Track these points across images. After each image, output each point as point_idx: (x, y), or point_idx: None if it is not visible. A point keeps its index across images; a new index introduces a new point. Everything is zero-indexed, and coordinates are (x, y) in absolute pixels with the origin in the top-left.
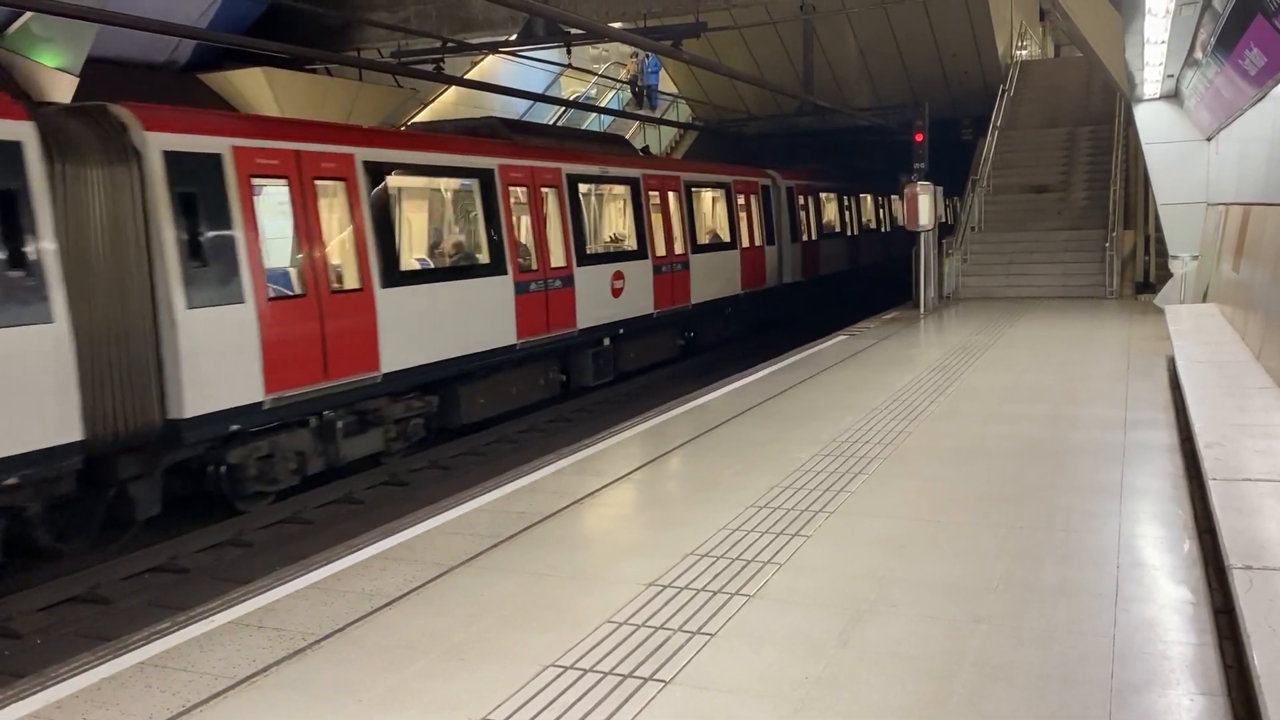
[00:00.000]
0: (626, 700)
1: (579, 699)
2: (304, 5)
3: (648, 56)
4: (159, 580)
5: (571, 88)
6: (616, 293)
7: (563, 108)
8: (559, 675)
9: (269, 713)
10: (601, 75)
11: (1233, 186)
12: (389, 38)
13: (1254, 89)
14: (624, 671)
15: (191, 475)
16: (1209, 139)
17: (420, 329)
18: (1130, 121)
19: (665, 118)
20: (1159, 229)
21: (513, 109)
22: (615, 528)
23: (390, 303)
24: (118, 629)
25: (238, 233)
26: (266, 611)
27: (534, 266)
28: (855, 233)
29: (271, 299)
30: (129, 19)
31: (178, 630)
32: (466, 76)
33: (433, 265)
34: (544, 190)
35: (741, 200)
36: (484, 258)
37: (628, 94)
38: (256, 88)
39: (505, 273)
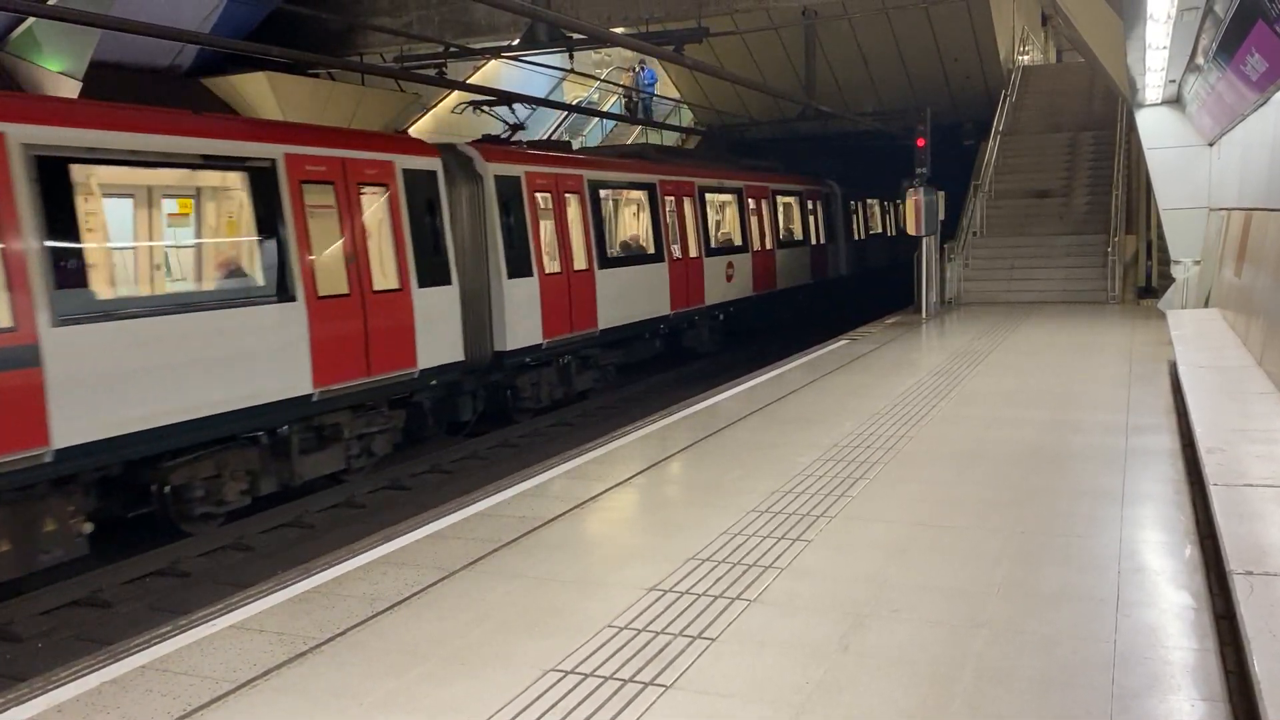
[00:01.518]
0: (627, 705)
1: (580, 703)
2: (307, 10)
3: (643, 68)
4: (160, 584)
5: (574, 92)
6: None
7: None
8: (560, 680)
9: (269, 717)
10: (604, 80)
11: (1234, 191)
12: (392, 42)
13: (1255, 94)
14: (625, 676)
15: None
16: (1211, 144)
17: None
18: (1132, 126)
19: (667, 122)
20: (1161, 234)
21: (516, 113)
22: (617, 532)
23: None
24: (119, 633)
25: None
26: (267, 615)
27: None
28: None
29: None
30: (132, 24)
31: (179, 634)
32: (469, 81)
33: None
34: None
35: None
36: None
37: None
38: (259, 92)
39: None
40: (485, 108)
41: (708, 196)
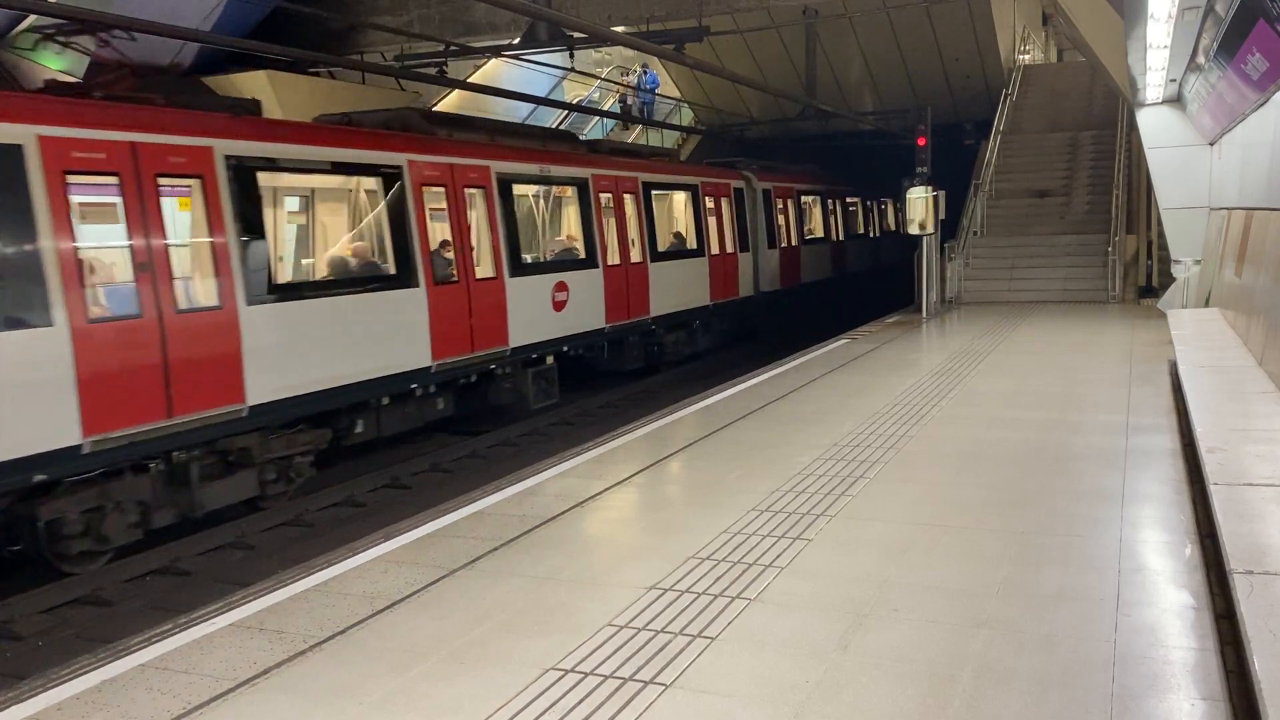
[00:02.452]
0: (627, 704)
1: (580, 702)
2: (307, 9)
3: (646, 71)
4: (161, 583)
5: (575, 91)
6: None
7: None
8: (560, 678)
9: (269, 715)
10: (605, 79)
11: (1235, 191)
12: (392, 41)
13: (1256, 94)
14: (625, 675)
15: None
16: (1211, 144)
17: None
18: (1133, 126)
19: (668, 121)
20: (1161, 234)
21: (516, 113)
22: (617, 531)
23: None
24: (119, 631)
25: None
26: (267, 614)
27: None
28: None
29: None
30: (134, 22)
31: (179, 632)
32: (469, 80)
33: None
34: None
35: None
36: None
37: (629, 98)
38: (260, 91)
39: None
40: None
41: (514, 189)
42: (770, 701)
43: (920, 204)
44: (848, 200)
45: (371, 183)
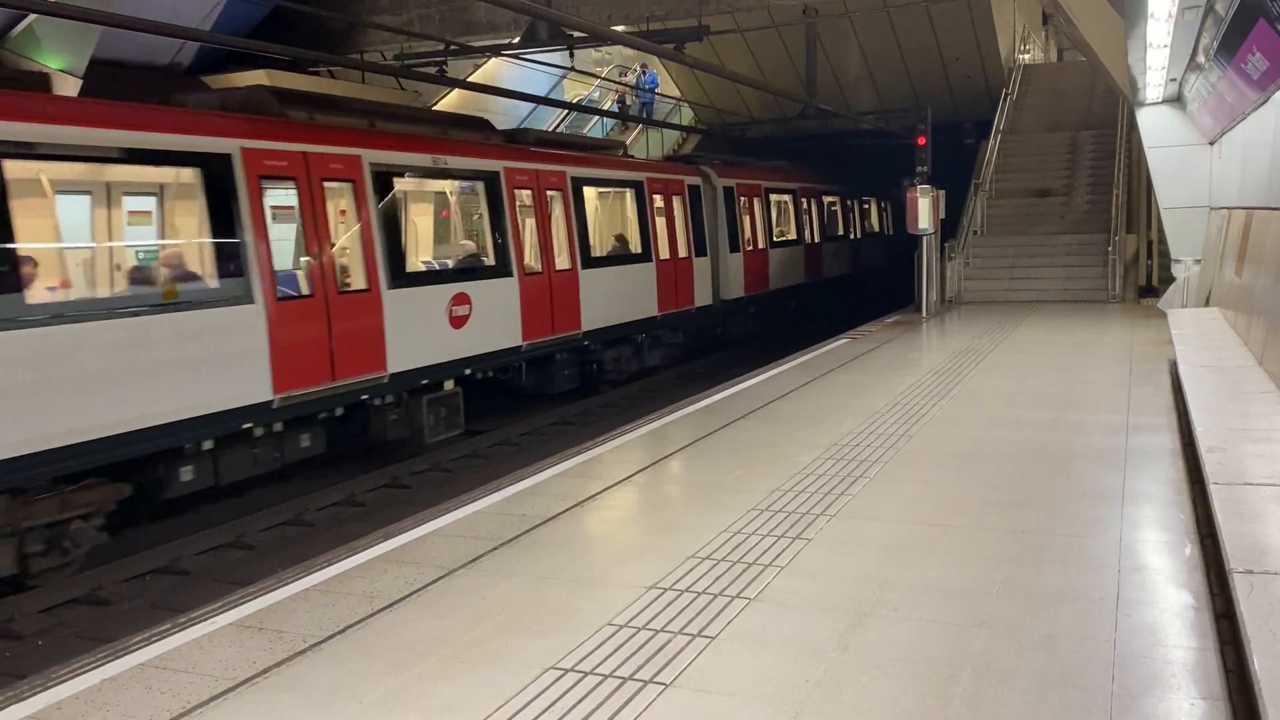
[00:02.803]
0: (627, 703)
1: (579, 701)
2: (307, 8)
3: (645, 72)
4: (160, 582)
5: (575, 90)
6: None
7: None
8: (560, 678)
9: (269, 715)
10: (604, 79)
11: (1235, 191)
12: (392, 40)
13: (1256, 93)
14: (624, 674)
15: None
16: (1212, 143)
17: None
18: (1133, 126)
19: (668, 121)
20: (1161, 233)
21: (516, 112)
22: (617, 531)
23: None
24: (119, 630)
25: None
26: (267, 613)
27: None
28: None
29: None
30: (133, 21)
31: (178, 632)
32: (469, 79)
33: None
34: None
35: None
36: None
37: (629, 99)
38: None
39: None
40: None
41: (396, 184)
42: (770, 701)
43: (915, 204)
44: (825, 199)
45: (189, 175)
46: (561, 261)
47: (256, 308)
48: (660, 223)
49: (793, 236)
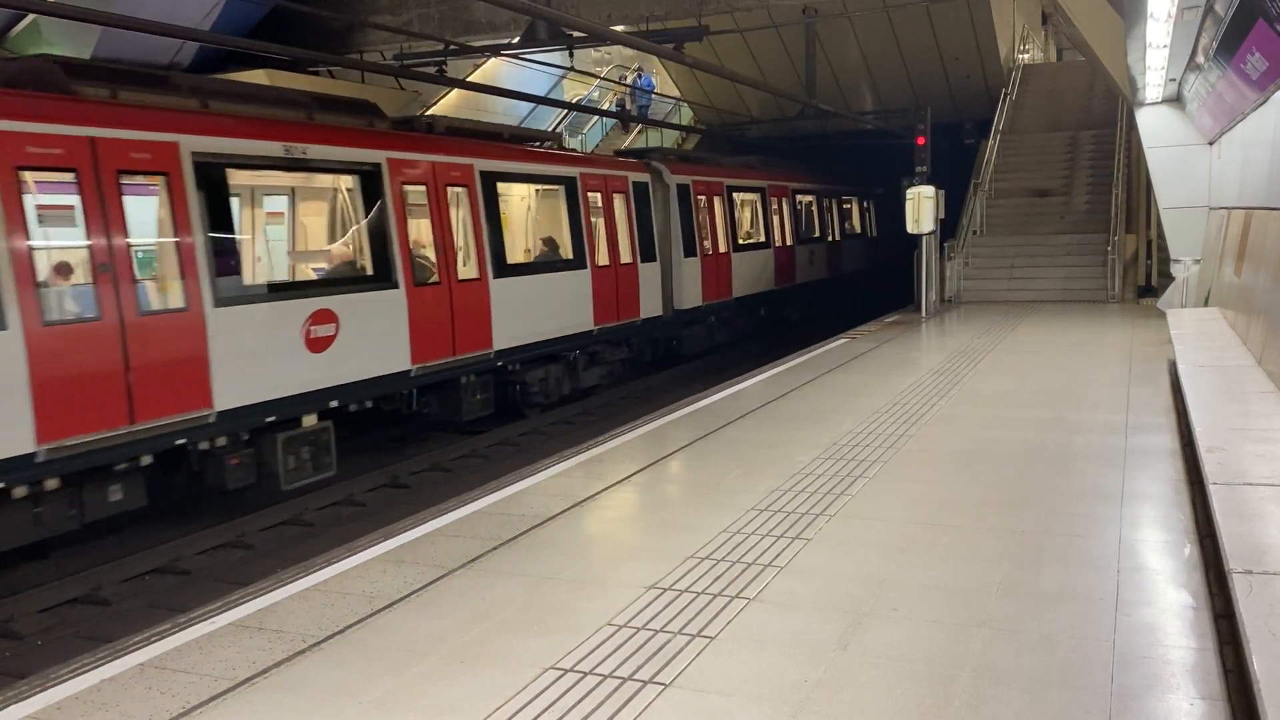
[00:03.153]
0: (626, 703)
1: (579, 701)
2: (307, 8)
3: (641, 74)
4: (160, 582)
5: (574, 90)
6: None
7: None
8: (559, 678)
9: (268, 715)
10: (604, 79)
11: (1235, 191)
12: (392, 40)
13: (1256, 93)
14: (624, 674)
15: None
16: (1211, 143)
17: None
18: (1132, 126)
19: (667, 120)
20: (1161, 233)
21: (516, 112)
22: (616, 530)
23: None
24: (118, 630)
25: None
26: (267, 613)
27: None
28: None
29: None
30: (133, 21)
31: (178, 632)
32: (469, 79)
33: None
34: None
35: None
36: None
37: (627, 103)
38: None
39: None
40: None
41: (230, 178)
42: (769, 701)
43: (917, 204)
44: (800, 198)
45: None
46: (467, 270)
47: (14, 334)
48: (598, 224)
49: (761, 239)
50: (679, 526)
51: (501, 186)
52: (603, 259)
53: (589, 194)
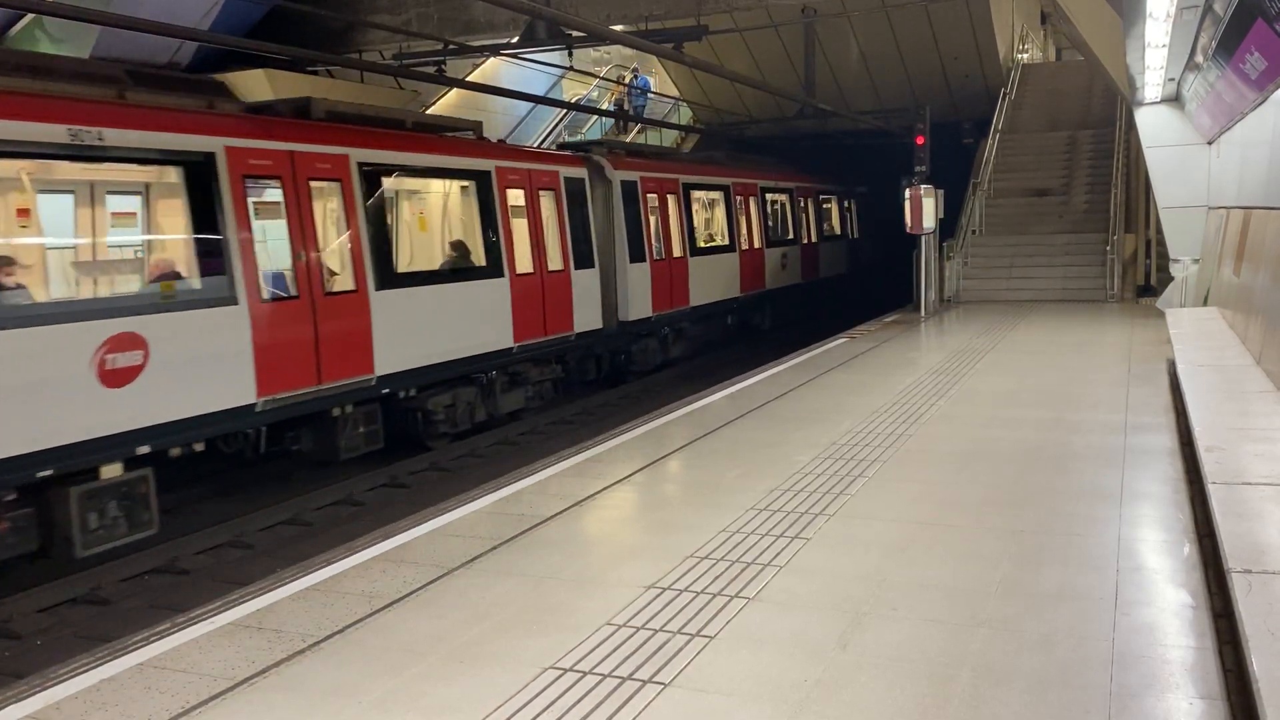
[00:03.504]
0: (626, 702)
1: (578, 701)
2: (306, 8)
3: (635, 76)
4: (159, 581)
5: (573, 90)
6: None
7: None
8: (559, 677)
9: (268, 714)
10: (603, 78)
11: (1234, 190)
12: (391, 40)
13: (1255, 93)
14: (623, 674)
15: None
16: (1210, 143)
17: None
18: (1131, 125)
19: (666, 120)
20: (1160, 233)
21: (515, 111)
22: (616, 530)
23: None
24: (117, 630)
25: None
26: (266, 613)
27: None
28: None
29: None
30: (132, 21)
31: (177, 631)
32: (468, 79)
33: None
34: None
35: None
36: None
37: (624, 104)
38: (258, 89)
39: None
40: None
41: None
42: (769, 700)
43: (917, 203)
44: (771, 196)
45: None
46: (340, 280)
47: None
48: (519, 226)
49: (725, 242)
50: (678, 526)
51: (389, 182)
52: (525, 266)
53: (508, 190)
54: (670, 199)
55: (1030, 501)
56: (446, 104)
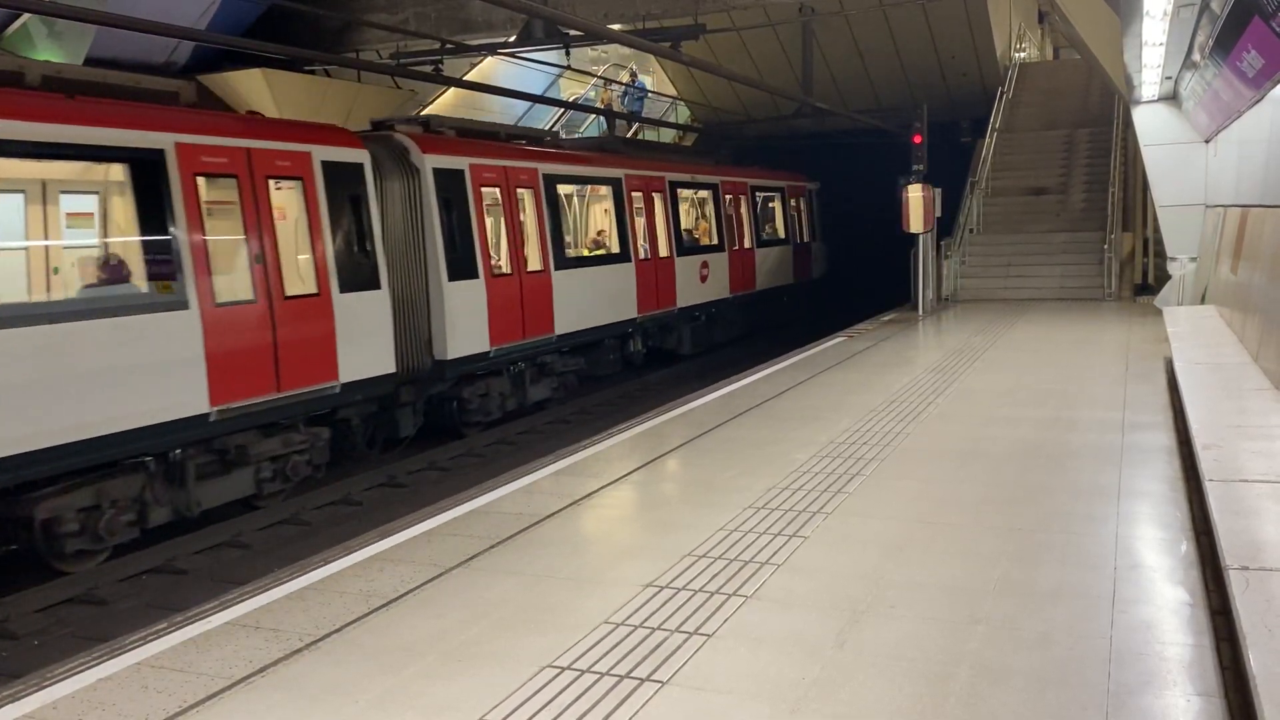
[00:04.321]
0: (624, 701)
1: (576, 699)
2: (303, 7)
3: (633, 80)
4: (157, 581)
5: (571, 89)
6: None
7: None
8: (556, 676)
9: (265, 714)
10: (600, 77)
11: (1231, 188)
12: (388, 39)
13: (1252, 91)
14: (621, 672)
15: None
16: (1207, 141)
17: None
18: (1129, 123)
19: (664, 119)
20: (1157, 231)
21: (512, 111)
22: (613, 529)
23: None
24: (115, 630)
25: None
26: (264, 612)
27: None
28: None
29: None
30: (128, 20)
31: (175, 631)
32: (465, 78)
33: None
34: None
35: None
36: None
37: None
38: (255, 89)
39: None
40: None
41: None
42: (767, 699)
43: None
44: (687, 192)
45: None
46: None
47: None
48: (224, 231)
49: (614, 250)
50: (676, 525)
51: None
52: (235, 291)
53: (198, 180)
54: (524, 195)
55: (1028, 500)
56: (444, 103)
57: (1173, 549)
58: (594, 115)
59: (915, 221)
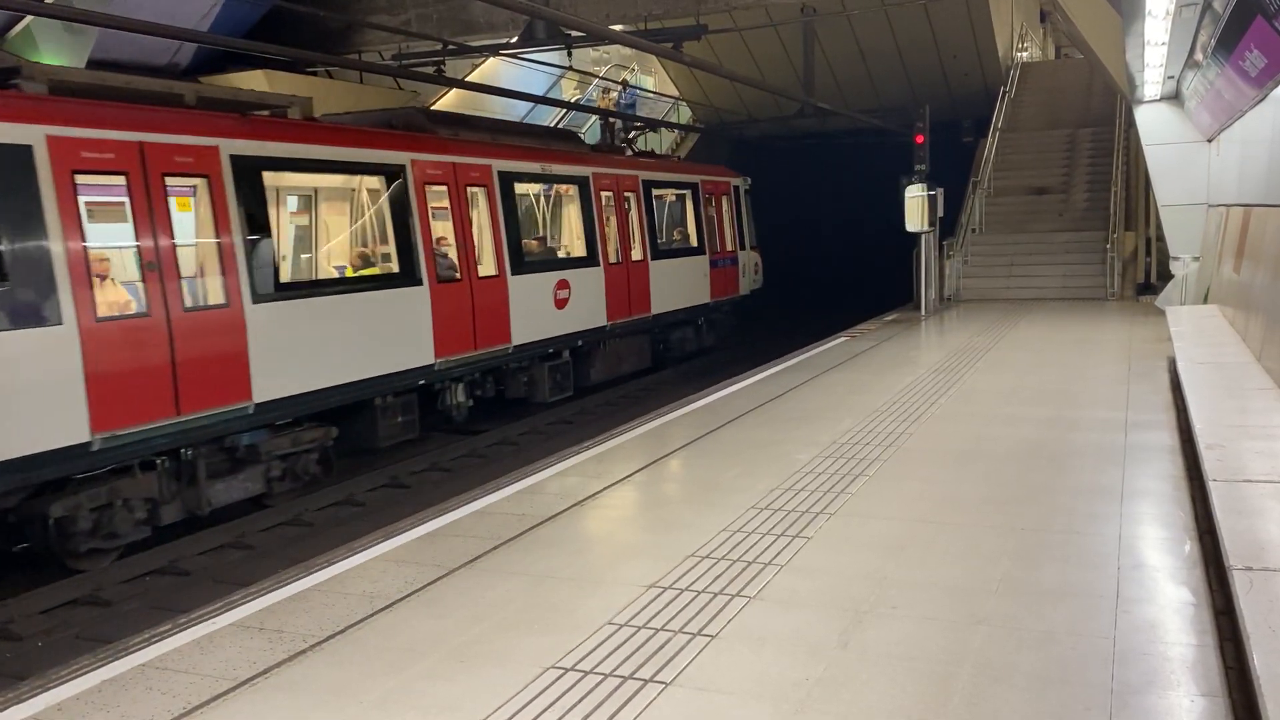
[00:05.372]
0: (627, 702)
1: (580, 700)
2: (305, 8)
3: (625, 89)
4: (160, 583)
5: (572, 90)
6: None
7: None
8: (560, 677)
9: (269, 715)
10: (602, 78)
11: (1233, 188)
12: (390, 40)
13: (1254, 90)
14: (625, 673)
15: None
16: (1210, 141)
17: None
18: (1131, 123)
19: (666, 119)
20: (1160, 230)
21: (514, 111)
22: (616, 530)
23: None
24: (119, 631)
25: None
26: (267, 614)
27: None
28: None
29: None
30: (130, 22)
31: (178, 632)
32: (467, 79)
33: None
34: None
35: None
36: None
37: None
38: (258, 90)
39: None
40: None
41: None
42: (770, 699)
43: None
44: (560, 189)
45: None
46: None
47: None
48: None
49: (394, 269)
50: (679, 525)
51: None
52: None
53: None
54: (198, 187)
55: (1031, 499)
56: (446, 104)
57: (1176, 549)
58: (594, 116)
59: (913, 220)
